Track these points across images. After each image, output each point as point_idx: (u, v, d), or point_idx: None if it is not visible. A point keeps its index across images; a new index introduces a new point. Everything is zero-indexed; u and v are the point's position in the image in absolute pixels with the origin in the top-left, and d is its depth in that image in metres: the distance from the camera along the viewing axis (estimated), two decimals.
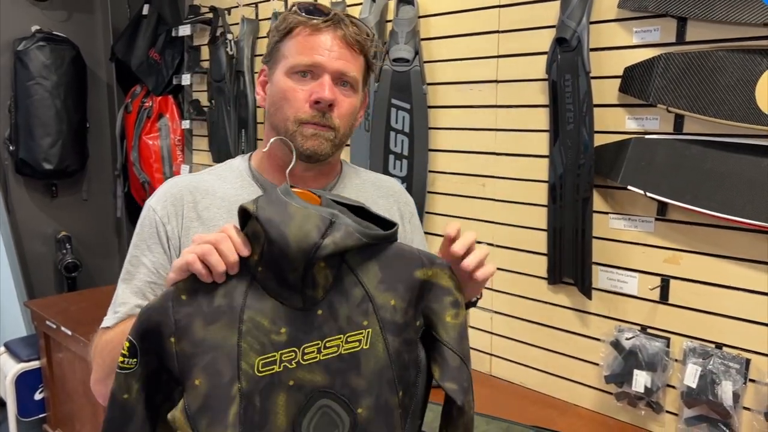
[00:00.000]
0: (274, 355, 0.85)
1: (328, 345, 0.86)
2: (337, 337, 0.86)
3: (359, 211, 0.93)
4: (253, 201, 0.86)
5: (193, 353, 0.84)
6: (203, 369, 0.84)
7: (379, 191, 1.20)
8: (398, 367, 0.88)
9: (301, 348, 0.86)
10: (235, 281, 0.86)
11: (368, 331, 0.87)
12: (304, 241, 0.82)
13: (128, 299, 1.07)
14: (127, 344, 0.85)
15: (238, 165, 1.15)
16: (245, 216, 0.87)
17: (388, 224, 0.91)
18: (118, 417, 0.86)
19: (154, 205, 1.08)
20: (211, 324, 0.85)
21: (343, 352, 0.87)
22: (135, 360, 0.85)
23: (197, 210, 1.08)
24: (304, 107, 1.02)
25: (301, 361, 0.86)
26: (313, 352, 0.86)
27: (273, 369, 0.85)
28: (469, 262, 0.92)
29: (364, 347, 0.87)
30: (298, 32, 1.04)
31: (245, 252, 0.85)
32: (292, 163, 0.99)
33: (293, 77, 1.03)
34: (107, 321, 1.08)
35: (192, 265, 0.84)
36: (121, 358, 0.85)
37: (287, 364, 0.85)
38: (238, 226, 0.88)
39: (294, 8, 1.05)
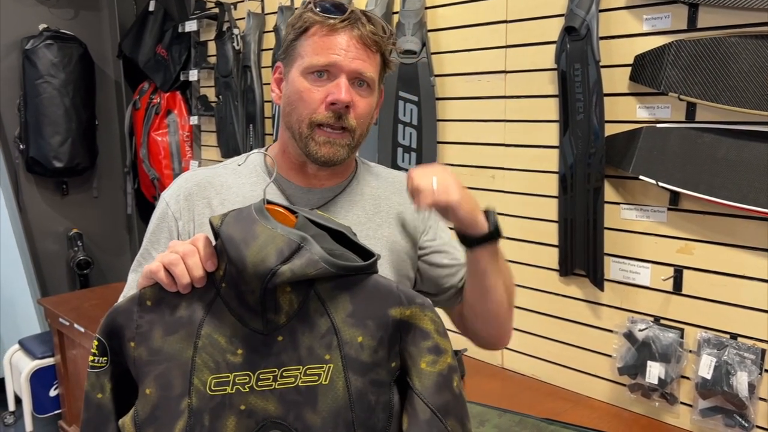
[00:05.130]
0: (228, 376, 0.82)
1: (285, 374, 0.82)
2: (295, 367, 0.82)
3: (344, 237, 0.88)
4: (222, 215, 0.83)
5: (149, 361, 0.83)
6: (155, 378, 0.82)
7: (393, 187, 1.19)
8: (360, 409, 0.81)
9: (256, 373, 0.82)
10: (200, 294, 0.84)
11: (329, 366, 0.81)
12: (260, 266, 0.78)
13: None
14: (96, 342, 0.84)
15: (253, 160, 1.14)
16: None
17: (369, 255, 0.85)
18: (94, 417, 0.85)
19: (168, 199, 1.09)
20: (170, 334, 0.83)
21: (300, 384, 0.82)
22: (105, 358, 0.84)
23: (211, 207, 1.07)
24: (320, 108, 1.00)
25: (255, 387, 0.82)
26: (269, 379, 0.82)
27: (225, 390, 0.82)
28: (423, 197, 0.96)
29: (323, 383, 0.81)
30: (314, 31, 1.02)
31: (211, 267, 0.83)
32: (273, 175, 0.99)
33: (309, 77, 1.01)
34: None
35: (156, 274, 0.83)
36: (91, 357, 0.84)
37: (240, 388, 0.82)
38: (212, 238, 0.85)
39: (310, 5, 1.03)
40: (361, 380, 0.82)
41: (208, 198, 1.08)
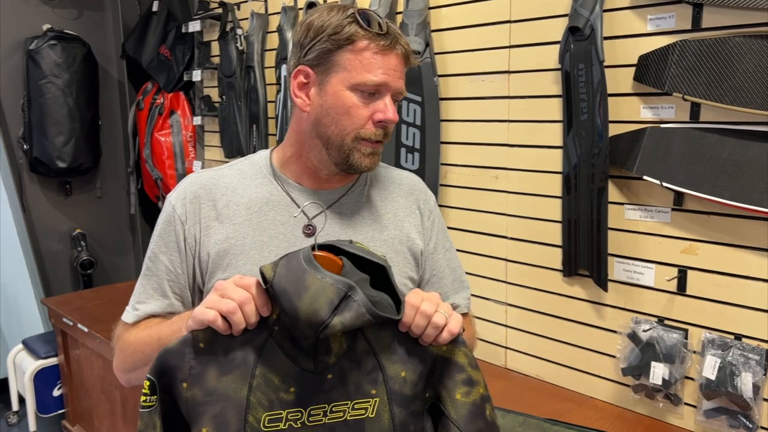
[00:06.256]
0: (281, 413, 0.87)
1: (334, 409, 0.88)
2: (344, 402, 0.88)
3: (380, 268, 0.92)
4: (273, 264, 0.87)
5: (204, 401, 0.86)
6: (212, 418, 0.86)
7: (401, 189, 1.20)
8: None
9: (308, 409, 0.88)
10: (253, 335, 0.88)
11: (375, 401, 0.89)
12: (313, 318, 0.83)
13: (148, 297, 1.09)
14: (147, 383, 0.87)
15: (259, 161, 1.14)
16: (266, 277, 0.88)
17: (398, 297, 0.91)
18: None
19: (174, 202, 1.09)
20: (224, 375, 0.87)
21: (348, 417, 0.88)
22: (155, 397, 0.87)
23: (217, 208, 1.08)
24: (368, 125, 1.04)
25: (306, 422, 0.88)
26: (319, 414, 0.88)
27: (278, 426, 0.87)
28: (426, 337, 0.89)
29: (370, 415, 0.89)
30: (363, 47, 1.02)
31: (266, 313, 0.87)
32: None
33: (357, 93, 1.03)
34: (127, 316, 1.10)
35: (213, 323, 0.86)
36: (143, 398, 0.87)
37: (292, 424, 0.88)
38: (261, 281, 0.88)
39: (351, 15, 1.02)
40: (404, 412, 0.89)
41: (214, 200, 1.09)
